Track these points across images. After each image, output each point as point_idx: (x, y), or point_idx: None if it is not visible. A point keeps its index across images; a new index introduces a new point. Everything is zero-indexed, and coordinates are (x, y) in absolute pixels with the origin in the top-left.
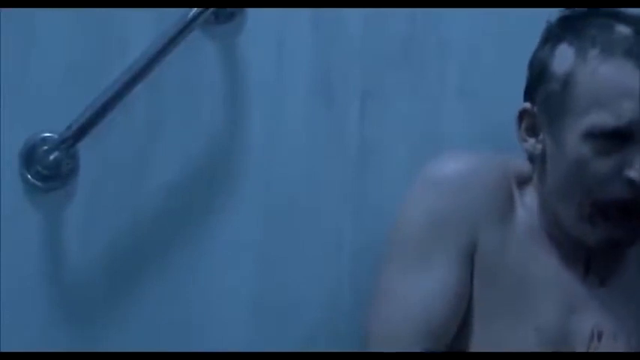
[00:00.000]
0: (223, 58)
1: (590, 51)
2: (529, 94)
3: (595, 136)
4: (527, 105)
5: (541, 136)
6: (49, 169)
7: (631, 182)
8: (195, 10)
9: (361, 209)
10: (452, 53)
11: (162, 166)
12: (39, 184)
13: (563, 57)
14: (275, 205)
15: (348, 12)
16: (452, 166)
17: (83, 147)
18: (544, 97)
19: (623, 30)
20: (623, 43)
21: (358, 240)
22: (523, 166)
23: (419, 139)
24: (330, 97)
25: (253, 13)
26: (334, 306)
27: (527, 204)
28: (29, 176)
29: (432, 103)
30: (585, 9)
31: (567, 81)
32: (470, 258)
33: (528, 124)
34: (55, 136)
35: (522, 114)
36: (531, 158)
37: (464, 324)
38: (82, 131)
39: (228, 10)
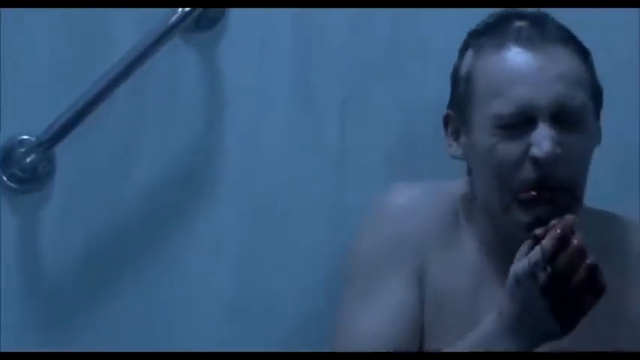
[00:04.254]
0: (204, 63)
1: (484, 47)
2: (450, 102)
3: (498, 125)
4: (448, 111)
5: (461, 139)
6: (26, 172)
7: (535, 160)
8: (176, 15)
9: (339, 214)
10: (433, 60)
11: (140, 170)
12: (15, 186)
13: (466, 60)
14: (253, 209)
15: (330, 18)
16: (398, 198)
17: (60, 150)
18: (457, 101)
19: (519, 23)
20: (514, 32)
21: (335, 245)
22: (468, 187)
23: (398, 145)
24: (310, 102)
25: (234, 20)
26: (309, 310)
27: (472, 228)
28: (5, 178)
29: (413, 110)
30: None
31: (468, 80)
32: (419, 285)
33: (452, 129)
34: (33, 138)
35: (446, 120)
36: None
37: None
38: (59, 134)
39: (210, 16)
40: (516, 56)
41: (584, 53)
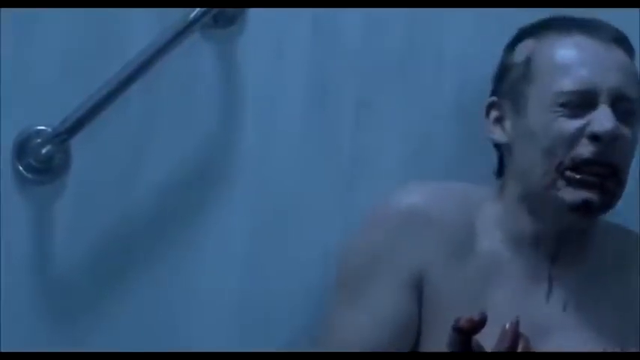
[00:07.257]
0: (221, 61)
1: (547, 34)
2: (494, 90)
3: (559, 102)
4: (493, 98)
5: (506, 124)
6: (41, 163)
7: (594, 137)
8: (195, 12)
9: (350, 219)
10: (447, 65)
11: (155, 166)
12: (30, 176)
13: (524, 48)
14: (265, 210)
15: (347, 22)
16: (405, 200)
17: (76, 142)
18: (508, 86)
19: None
20: (576, 25)
21: None
22: (488, 192)
23: (412, 151)
24: (325, 105)
25: (253, 19)
26: (319, 311)
27: (490, 231)
28: (21, 168)
29: (427, 115)
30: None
31: (527, 63)
32: (413, 292)
33: (495, 115)
34: (49, 129)
35: (489, 107)
36: (500, 161)
37: None
38: (75, 126)
39: (229, 14)
40: (581, 42)
41: (634, 58)
